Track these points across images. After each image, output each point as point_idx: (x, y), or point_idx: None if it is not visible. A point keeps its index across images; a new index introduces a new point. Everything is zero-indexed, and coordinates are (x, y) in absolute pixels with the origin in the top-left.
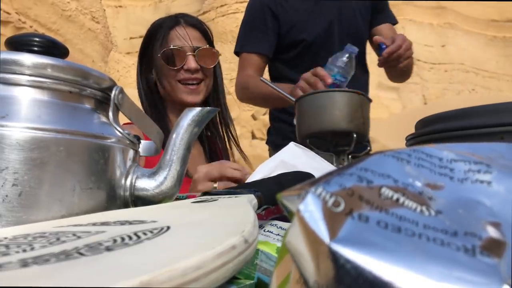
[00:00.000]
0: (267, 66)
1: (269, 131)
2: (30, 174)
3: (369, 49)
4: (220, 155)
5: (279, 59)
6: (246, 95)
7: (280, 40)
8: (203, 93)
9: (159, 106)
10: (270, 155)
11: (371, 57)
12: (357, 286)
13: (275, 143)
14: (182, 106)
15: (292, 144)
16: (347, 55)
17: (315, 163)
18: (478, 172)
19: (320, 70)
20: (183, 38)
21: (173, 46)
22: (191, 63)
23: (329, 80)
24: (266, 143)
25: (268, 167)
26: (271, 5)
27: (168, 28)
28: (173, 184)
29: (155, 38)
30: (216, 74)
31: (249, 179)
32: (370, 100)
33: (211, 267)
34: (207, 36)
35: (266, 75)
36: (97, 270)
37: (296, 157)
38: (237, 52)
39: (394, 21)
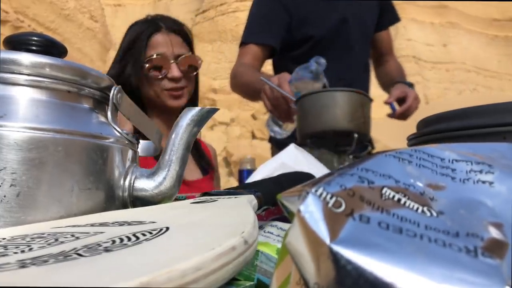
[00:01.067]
0: (271, 60)
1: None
2: (29, 174)
3: None
4: (207, 155)
5: (288, 57)
6: (234, 83)
7: (290, 36)
8: (186, 96)
9: (144, 109)
10: (273, 153)
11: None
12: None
13: (278, 141)
14: (166, 109)
15: (292, 146)
16: (313, 68)
17: (315, 169)
18: (480, 172)
19: (285, 95)
20: (165, 45)
21: (156, 54)
22: (175, 71)
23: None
24: (269, 141)
25: (269, 168)
26: None
27: (149, 34)
28: (172, 184)
29: (135, 44)
30: (196, 80)
31: (250, 180)
32: (371, 100)
33: (211, 268)
34: (188, 40)
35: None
36: (96, 271)
37: (296, 160)
38: (241, 44)
39: (397, 20)
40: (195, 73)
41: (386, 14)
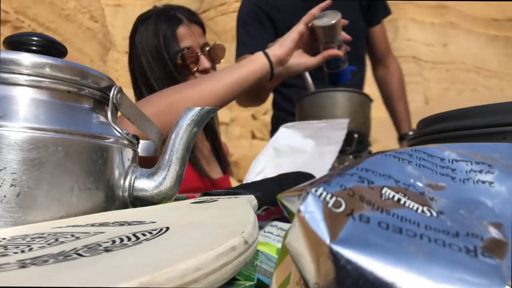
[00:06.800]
0: None
1: (271, 134)
2: (29, 174)
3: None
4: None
5: None
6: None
7: None
8: None
9: None
10: None
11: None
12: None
13: None
14: None
15: (282, 128)
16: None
17: (307, 131)
18: (480, 172)
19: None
20: (189, 37)
21: (186, 48)
22: (205, 63)
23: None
24: None
25: (262, 161)
26: (264, 7)
27: (172, 28)
28: (172, 184)
29: (157, 40)
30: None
31: (247, 175)
32: (371, 100)
33: (211, 268)
34: (204, 29)
35: None
36: (96, 271)
37: (286, 138)
38: (236, 58)
39: (388, 13)
40: (221, 62)
41: (376, 8)
